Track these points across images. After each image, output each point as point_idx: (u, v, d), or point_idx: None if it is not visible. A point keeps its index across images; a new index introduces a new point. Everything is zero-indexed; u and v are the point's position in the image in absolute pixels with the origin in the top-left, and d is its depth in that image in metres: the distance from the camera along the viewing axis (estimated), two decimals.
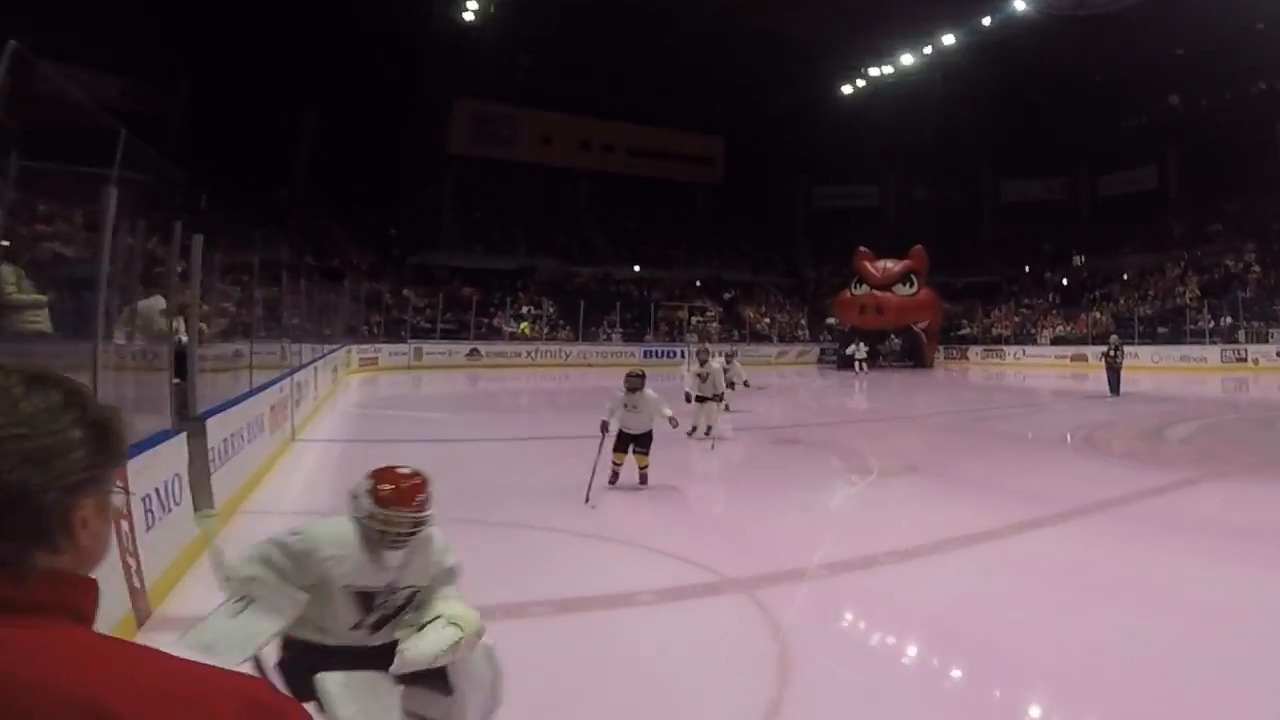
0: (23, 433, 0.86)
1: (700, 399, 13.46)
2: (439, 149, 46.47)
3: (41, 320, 6.75)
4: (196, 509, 6.56)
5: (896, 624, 5.55)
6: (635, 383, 9.60)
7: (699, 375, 13.50)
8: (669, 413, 9.75)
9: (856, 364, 34.89)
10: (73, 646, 0.85)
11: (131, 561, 4.83)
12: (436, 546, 3.25)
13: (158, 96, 35.34)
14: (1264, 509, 8.79)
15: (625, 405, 9.53)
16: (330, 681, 2.90)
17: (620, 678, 4.60)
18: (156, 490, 5.54)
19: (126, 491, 3.52)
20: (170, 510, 5.78)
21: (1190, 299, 34.89)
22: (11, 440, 0.86)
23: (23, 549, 0.87)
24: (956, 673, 4.79)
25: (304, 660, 3.00)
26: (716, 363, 14.20)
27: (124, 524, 4.70)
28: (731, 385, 15.20)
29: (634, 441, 9.60)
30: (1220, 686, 4.45)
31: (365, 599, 3.07)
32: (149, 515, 5.29)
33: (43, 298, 6.72)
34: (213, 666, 0.90)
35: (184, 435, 6.47)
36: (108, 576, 2.94)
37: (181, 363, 7.28)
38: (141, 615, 4.91)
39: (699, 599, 5.94)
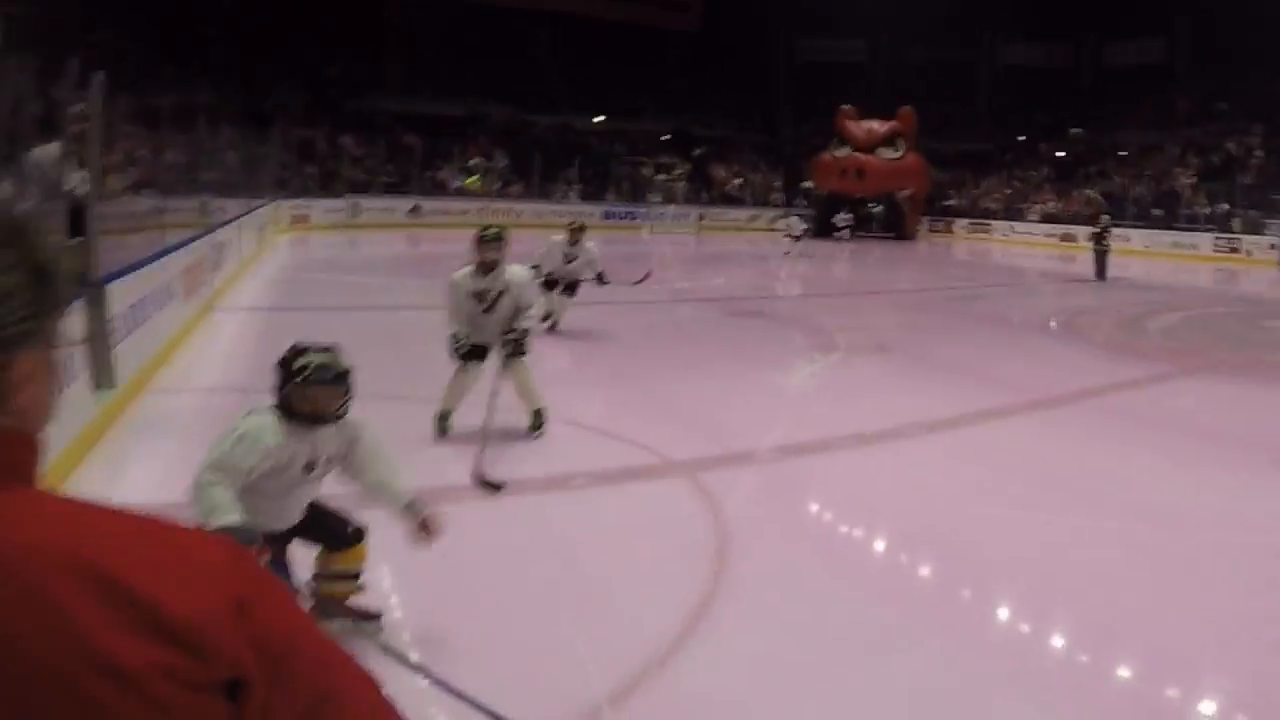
0: None
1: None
2: None
3: None
4: (96, 386, 6.45)
5: (845, 512, 5.67)
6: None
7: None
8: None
9: (839, 233, 34.39)
10: (47, 508, 0.85)
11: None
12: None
13: None
14: (1234, 410, 9.02)
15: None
16: None
17: (548, 565, 4.66)
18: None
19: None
20: (66, 387, 5.65)
21: (1186, 182, 34.91)
22: None
23: None
24: (904, 564, 4.93)
25: None
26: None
27: None
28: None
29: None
30: (1169, 590, 4.62)
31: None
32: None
33: None
34: (173, 521, 0.89)
35: (80, 302, 6.31)
36: None
37: (79, 219, 7.01)
38: None
39: (638, 482, 6.01)
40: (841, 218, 34.35)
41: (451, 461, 6.12)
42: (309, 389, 3.48)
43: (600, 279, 11.29)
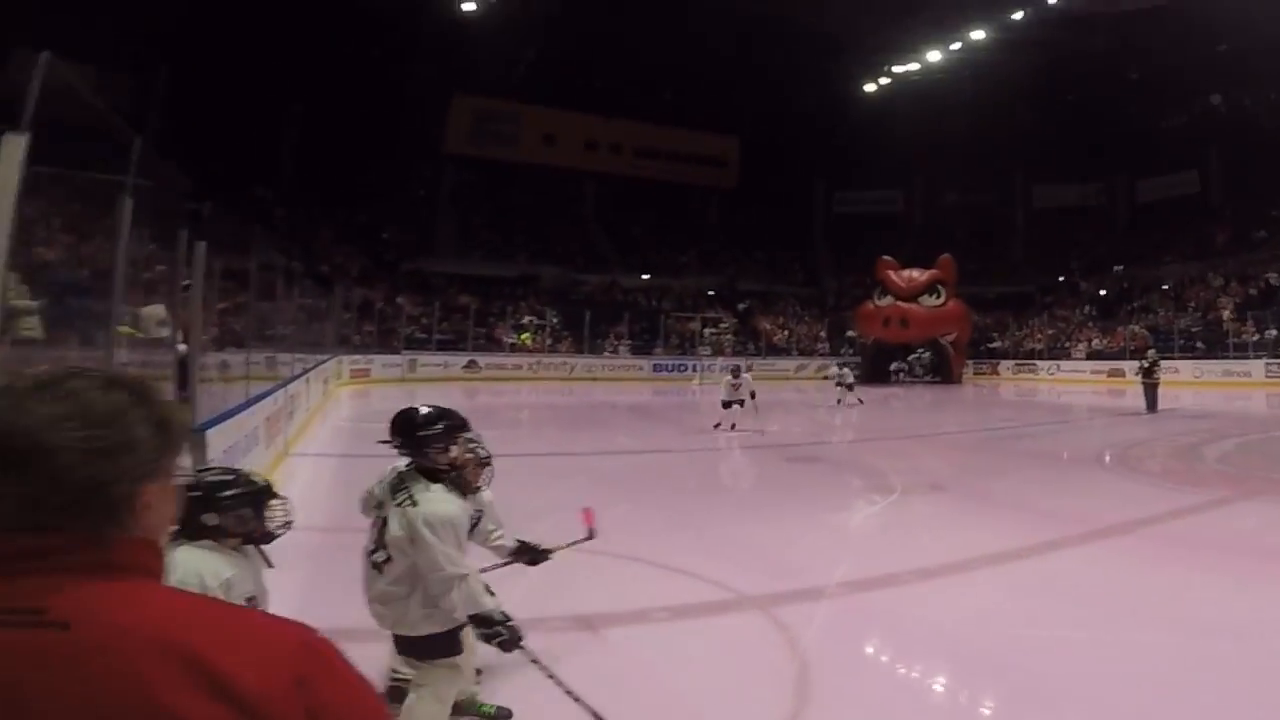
0: (97, 433, 1.07)
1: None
2: (435, 148, 46.87)
3: (34, 327, 7.06)
4: None
5: (917, 642, 5.81)
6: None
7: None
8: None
9: (895, 375, 35.51)
10: (158, 597, 1.09)
11: None
12: None
13: (133, 86, 35.52)
14: None
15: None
16: None
17: (638, 694, 4.86)
18: None
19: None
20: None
21: (1230, 315, 34.98)
22: (88, 439, 1.06)
23: (97, 527, 1.08)
24: (976, 690, 5.05)
25: None
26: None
27: None
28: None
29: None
30: (1239, 702, 4.71)
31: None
32: None
33: (34, 304, 7.03)
34: (270, 614, 1.18)
35: (186, 448, 6.76)
36: None
37: (183, 373, 7.58)
38: None
39: (715, 616, 6.21)
40: (897, 364, 35.29)
41: (537, 595, 6.38)
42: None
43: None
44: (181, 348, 7.98)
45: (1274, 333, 32.62)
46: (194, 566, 2.97)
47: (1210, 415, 21.56)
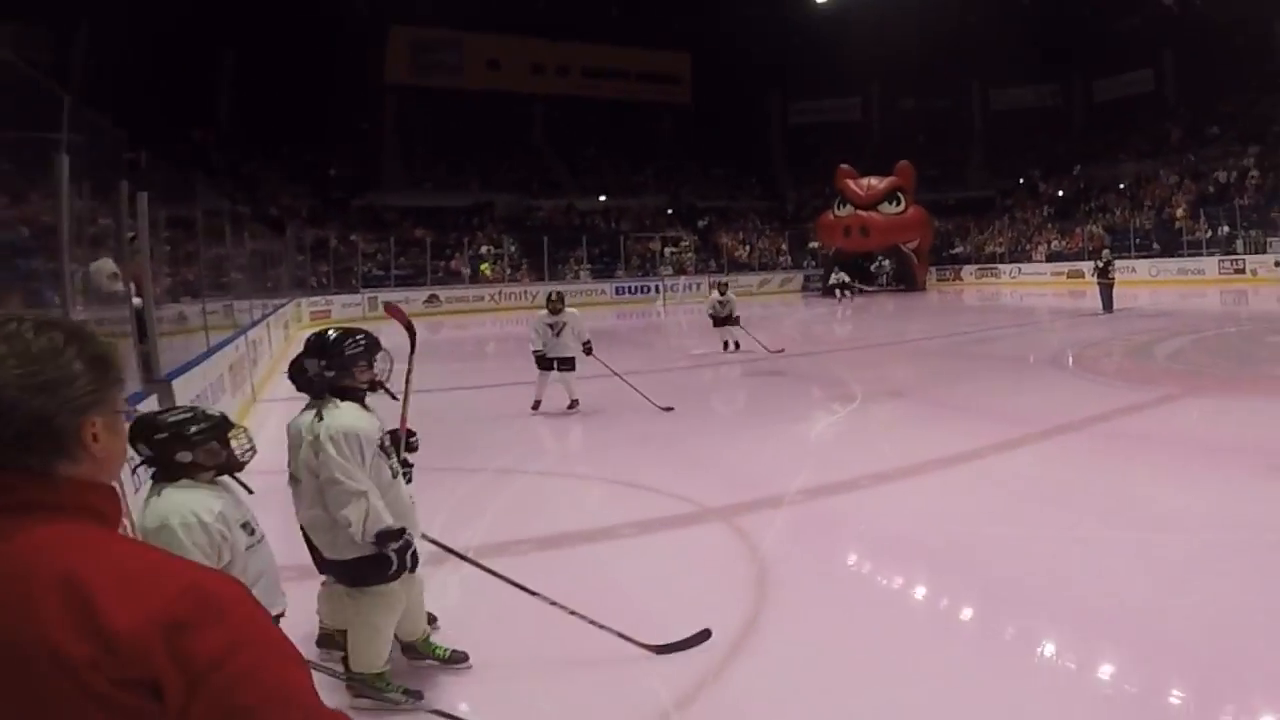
0: (34, 369, 1.15)
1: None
2: (375, 80, 46.13)
3: None
4: None
5: (873, 544, 6.16)
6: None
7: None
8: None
9: (838, 293, 35.23)
10: (77, 537, 1.14)
11: (126, 522, 5.34)
12: None
13: (55, 42, 34.53)
14: (1240, 423, 9.50)
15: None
16: None
17: (605, 605, 5.15)
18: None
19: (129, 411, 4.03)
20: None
21: (1183, 213, 35.56)
22: (27, 375, 1.15)
23: (47, 461, 1.17)
24: (928, 585, 5.40)
25: None
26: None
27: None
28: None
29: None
30: (1175, 589, 5.08)
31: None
32: (135, 477, 5.76)
33: None
34: (179, 558, 1.22)
35: (154, 397, 6.93)
36: None
37: (140, 325, 7.70)
38: None
39: (679, 529, 6.54)
40: (836, 277, 35.13)
41: (507, 516, 6.70)
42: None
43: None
44: (136, 300, 8.08)
45: (1226, 229, 33.23)
46: (186, 505, 3.12)
47: (1165, 314, 22.11)
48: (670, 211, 46.85)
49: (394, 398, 4.40)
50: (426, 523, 6.16)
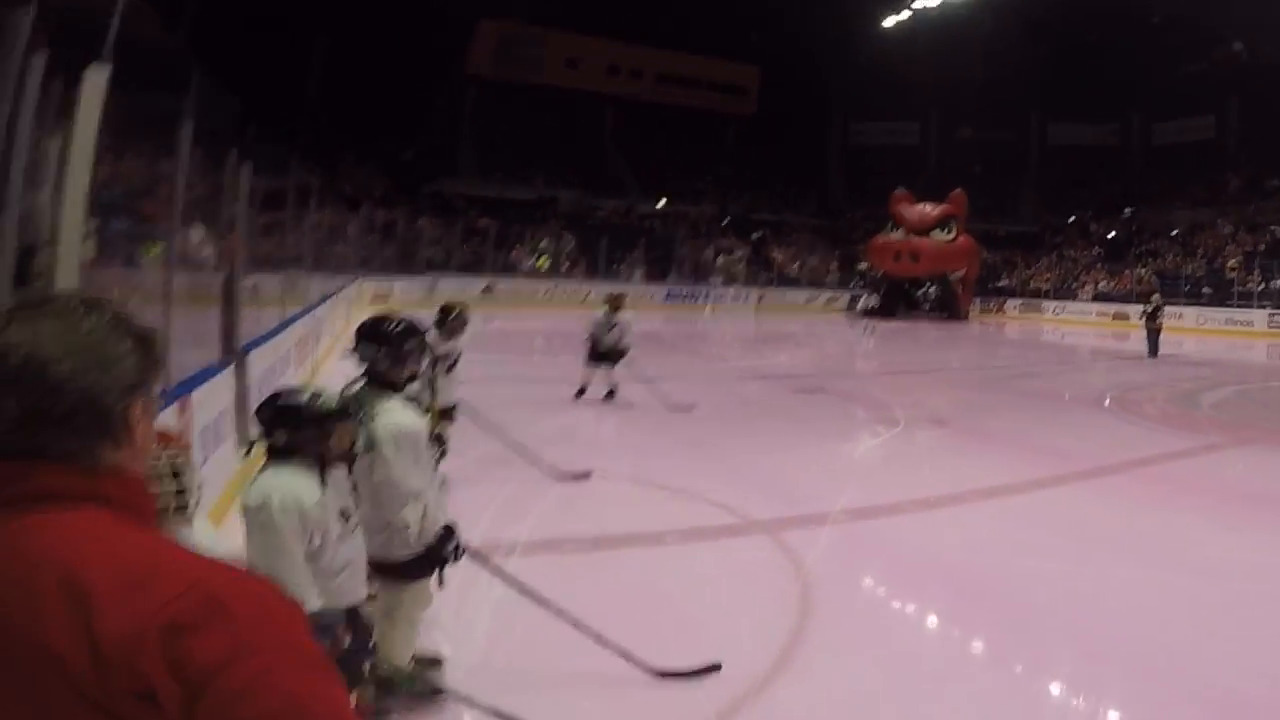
0: (86, 346, 1.11)
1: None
2: (458, 71, 46.42)
3: (88, 249, 7.24)
4: (240, 444, 7.11)
5: (914, 567, 6.12)
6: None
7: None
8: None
9: (864, 317, 34.09)
10: (89, 532, 1.06)
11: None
12: None
13: (158, 18, 35.13)
14: None
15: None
16: None
17: (649, 610, 5.17)
18: (210, 424, 6.08)
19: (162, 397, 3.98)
20: (222, 443, 6.34)
21: (1235, 264, 34.84)
22: (80, 352, 1.10)
23: (91, 443, 1.11)
24: (966, 612, 5.36)
25: None
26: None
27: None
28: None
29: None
30: (1212, 634, 5.00)
31: None
32: (205, 449, 5.83)
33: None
34: (191, 554, 1.09)
35: (230, 369, 7.03)
36: None
37: (228, 295, 7.81)
38: None
39: (724, 539, 6.53)
40: (866, 301, 34.07)
41: (552, 516, 6.73)
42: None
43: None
44: (221, 269, 8.20)
45: (1279, 283, 32.54)
46: (291, 487, 3.01)
47: (1211, 363, 21.72)
48: (726, 221, 46.75)
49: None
50: (473, 520, 6.21)
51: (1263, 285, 32.86)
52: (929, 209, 37.36)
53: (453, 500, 5.90)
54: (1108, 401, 14.70)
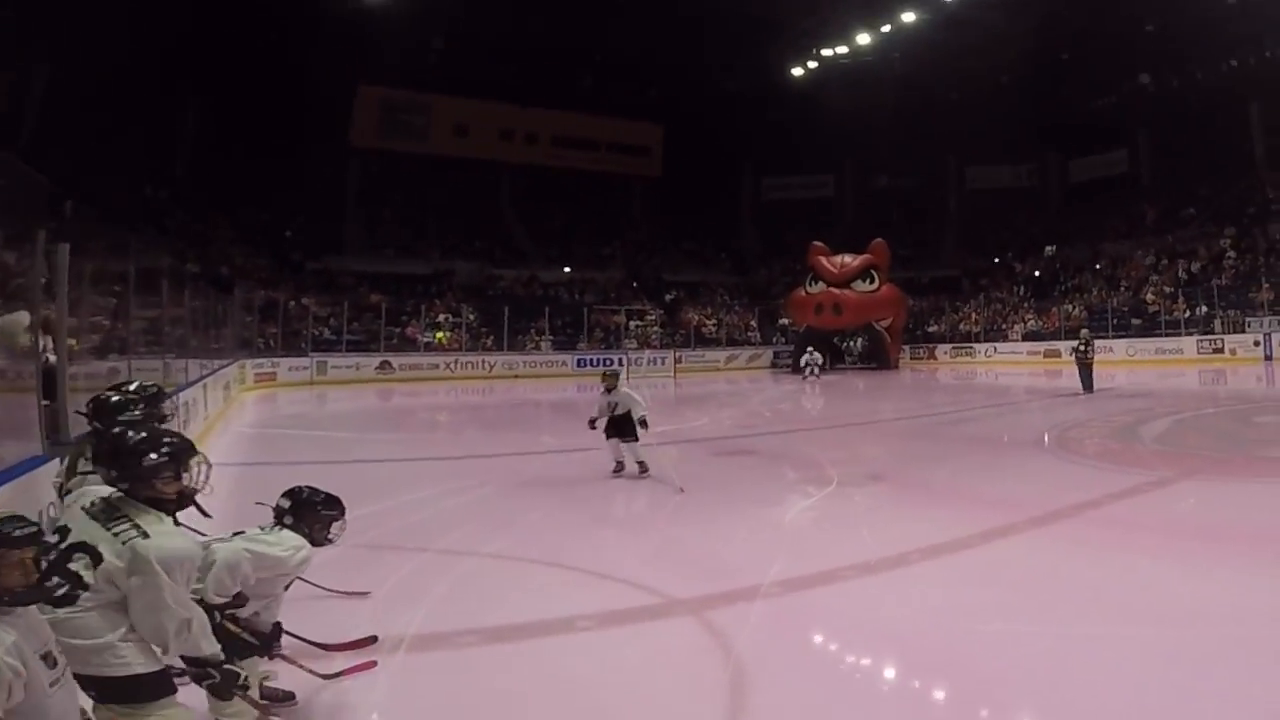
0: None
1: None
2: (340, 142, 45.96)
3: None
4: None
5: (858, 642, 5.69)
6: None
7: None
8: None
9: (805, 371, 34.34)
10: None
11: None
12: None
13: (11, 87, 34.11)
14: (1236, 507, 9.18)
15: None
16: None
17: (558, 710, 4.67)
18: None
19: None
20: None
21: (1158, 294, 35.96)
22: None
23: None
24: (920, 688, 4.95)
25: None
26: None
27: None
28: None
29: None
30: (1193, 691, 4.66)
31: None
32: None
33: None
34: None
35: (57, 461, 6.39)
36: None
37: (50, 383, 7.18)
38: None
39: (644, 622, 6.03)
40: (810, 357, 34.43)
41: (450, 603, 6.18)
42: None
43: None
44: (51, 357, 7.58)
45: (1204, 309, 33.60)
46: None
47: (1145, 394, 22.07)
48: (635, 285, 46.77)
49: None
50: (357, 606, 5.69)
51: (1188, 313, 33.91)
52: (850, 260, 37.94)
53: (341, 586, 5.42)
54: (1047, 441, 14.64)
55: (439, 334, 37.92)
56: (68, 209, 9.77)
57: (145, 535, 3.27)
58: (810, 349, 34.76)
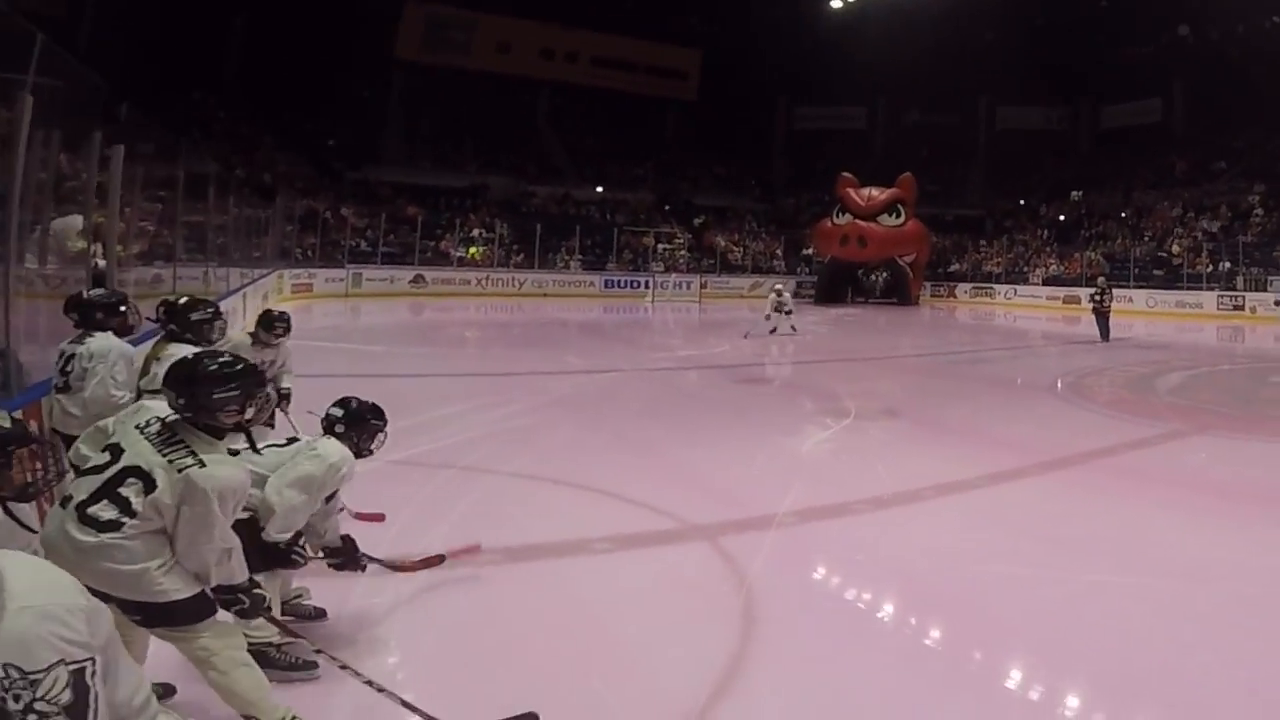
0: None
1: None
2: (385, 54, 45.31)
3: None
4: None
5: (867, 575, 5.69)
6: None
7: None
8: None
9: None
10: None
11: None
12: None
13: None
14: (1247, 464, 9.06)
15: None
16: None
17: (570, 629, 4.69)
18: None
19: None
20: None
21: (1183, 247, 35.27)
22: None
23: None
24: (927, 626, 4.94)
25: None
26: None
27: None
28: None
29: None
30: (1192, 645, 4.64)
31: None
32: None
33: None
34: None
35: None
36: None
37: (99, 286, 7.16)
38: None
39: (658, 546, 6.04)
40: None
41: (471, 521, 6.19)
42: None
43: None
44: (101, 262, 7.56)
45: (1227, 265, 32.98)
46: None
47: (1162, 346, 21.77)
48: (667, 207, 46.32)
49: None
50: (388, 524, 5.72)
51: (1211, 268, 33.30)
52: (877, 193, 37.33)
53: (364, 504, 5.44)
54: (1062, 387, 14.50)
55: (472, 249, 37.73)
56: (123, 112, 9.62)
57: (201, 464, 3.19)
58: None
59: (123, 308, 5.36)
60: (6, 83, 5.62)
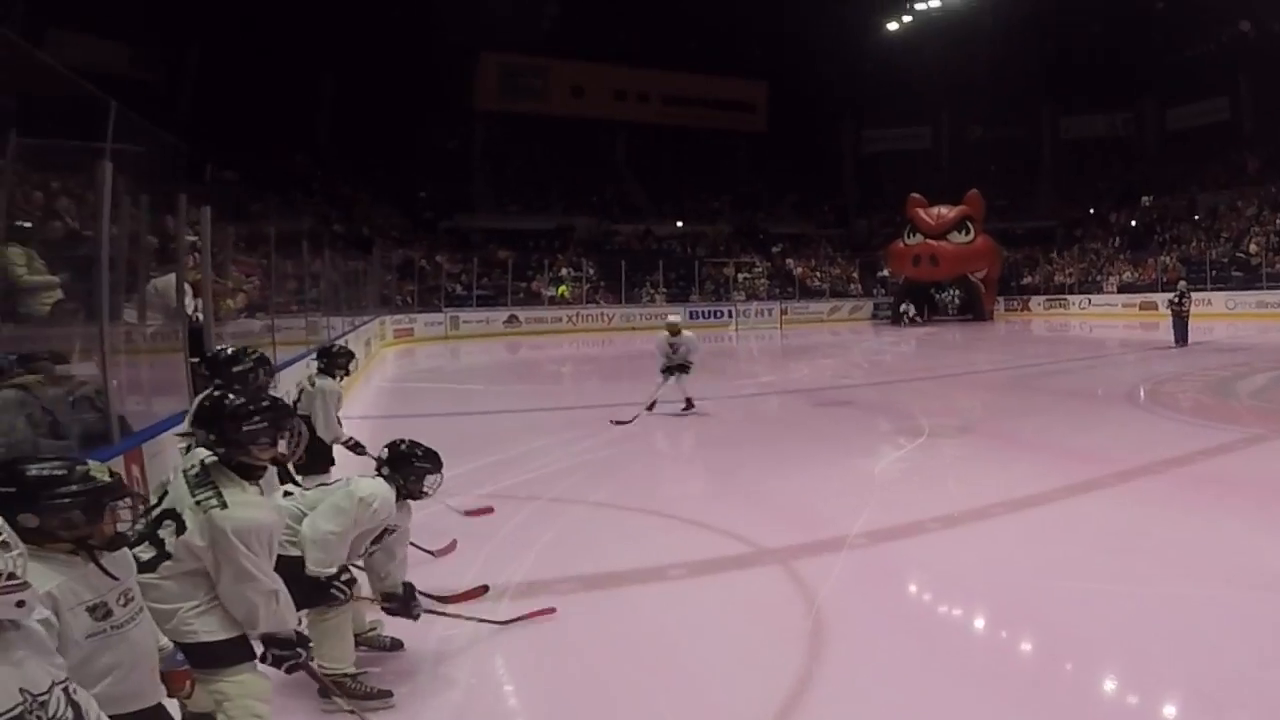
0: None
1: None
2: (465, 106, 46.29)
3: (50, 303, 6.82)
4: None
5: (939, 595, 5.56)
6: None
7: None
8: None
9: (905, 320, 34.34)
10: None
11: None
12: None
13: (167, 63, 35.03)
14: None
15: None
16: None
17: (644, 656, 4.69)
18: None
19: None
20: None
21: (1260, 246, 33.75)
22: None
23: None
24: (999, 645, 4.81)
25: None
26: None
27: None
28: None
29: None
30: (1272, 659, 4.40)
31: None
32: None
33: (54, 279, 6.68)
34: None
35: None
36: None
37: (197, 342, 7.39)
38: None
39: (731, 571, 5.99)
40: (905, 307, 34.05)
41: (554, 550, 6.24)
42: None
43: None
44: (199, 316, 7.81)
45: None
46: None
47: (1243, 348, 20.88)
48: (745, 238, 46.28)
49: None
50: (474, 552, 5.78)
51: None
52: (945, 212, 36.76)
53: (457, 534, 5.54)
54: (1140, 395, 14.01)
55: (561, 288, 38.11)
56: (207, 173, 10.01)
57: (224, 505, 3.15)
58: (906, 302, 34.49)
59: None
60: (89, 151, 5.80)
